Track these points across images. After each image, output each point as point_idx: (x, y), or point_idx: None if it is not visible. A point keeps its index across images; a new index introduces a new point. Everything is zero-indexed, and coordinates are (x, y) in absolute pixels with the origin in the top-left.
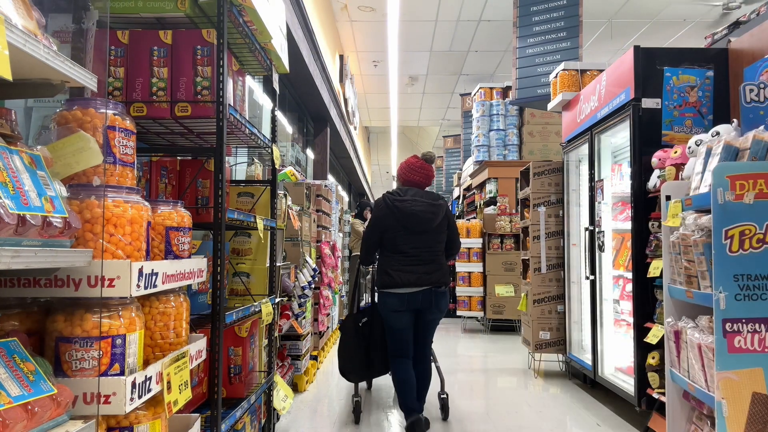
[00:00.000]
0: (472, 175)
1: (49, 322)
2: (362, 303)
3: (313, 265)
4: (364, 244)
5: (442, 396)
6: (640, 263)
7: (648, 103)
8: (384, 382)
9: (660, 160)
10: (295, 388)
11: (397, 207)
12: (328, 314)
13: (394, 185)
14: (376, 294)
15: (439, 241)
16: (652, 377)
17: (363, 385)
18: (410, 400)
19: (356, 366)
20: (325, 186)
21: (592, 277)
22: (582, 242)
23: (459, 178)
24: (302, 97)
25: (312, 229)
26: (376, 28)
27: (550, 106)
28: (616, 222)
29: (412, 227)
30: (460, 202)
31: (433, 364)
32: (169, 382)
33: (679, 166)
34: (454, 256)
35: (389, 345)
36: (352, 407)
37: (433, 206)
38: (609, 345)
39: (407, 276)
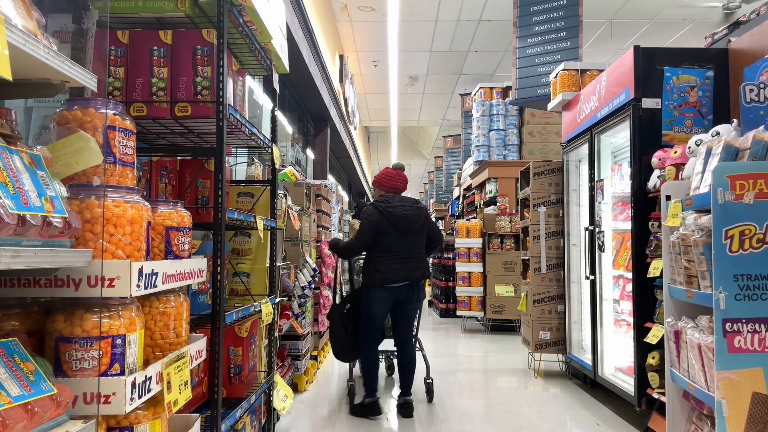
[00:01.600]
0: (472, 175)
1: (49, 322)
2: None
3: (313, 265)
4: (357, 243)
5: (427, 381)
6: (640, 263)
7: (648, 103)
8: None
9: (660, 160)
10: (295, 388)
11: (390, 212)
12: None
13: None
14: (365, 286)
15: (422, 240)
16: (652, 377)
17: (357, 371)
18: (374, 380)
19: (348, 348)
20: (325, 186)
21: (592, 277)
22: (582, 242)
23: (459, 178)
24: (302, 97)
25: (312, 229)
26: (376, 28)
27: (550, 106)
28: (616, 222)
29: (404, 229)
30: (460, 202)
31: (419, 352)
32: (169, 382)
33: (679, 166)
34: (439, 247)
35: (364, 329)
36: (347, 390)
37: (418, 209)
38: (609, 345)
39: (398, 273)
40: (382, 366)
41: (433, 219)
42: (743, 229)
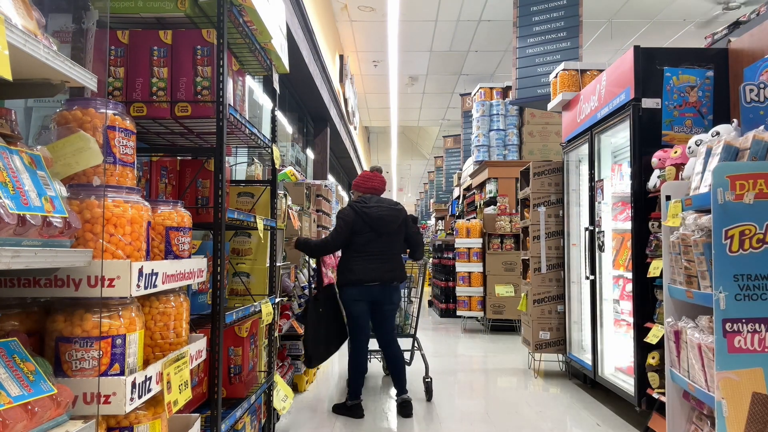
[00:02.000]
0: (472, 175)
1: (49, 322)
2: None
3: (313, 265)
4: (332, 242)
5: (426, 380)
6: (640, 263)
7: (648, 103)
8: (376, 370)
9: (660, 160)
10: (295, 388)
11: (365, 213)
12: None
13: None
14: (339, 286)
15: (398, 241)
16: (652, 377)
17: None
18: (359, 384)
19: (324, 350)
20: (325, 186)
21: (592, 277)
22: (582, 242)
23: (459, 178)
24: (302, 97)
25: (312, 229)
26: (376, 28)
27: (550, 106)
28: (616, 222)
29: (379, 229)
30: (460, 202)
31: (418, 352)
32: (169, 382)
33: (679, 166)
34: (420, 250)
35: (351, 332)
36: (347, 390)
37: (395, 210)
38: (609, 345)
39: (371, 273)
40: (380, 365)
41: (433, 219)
42: (743, 229)
